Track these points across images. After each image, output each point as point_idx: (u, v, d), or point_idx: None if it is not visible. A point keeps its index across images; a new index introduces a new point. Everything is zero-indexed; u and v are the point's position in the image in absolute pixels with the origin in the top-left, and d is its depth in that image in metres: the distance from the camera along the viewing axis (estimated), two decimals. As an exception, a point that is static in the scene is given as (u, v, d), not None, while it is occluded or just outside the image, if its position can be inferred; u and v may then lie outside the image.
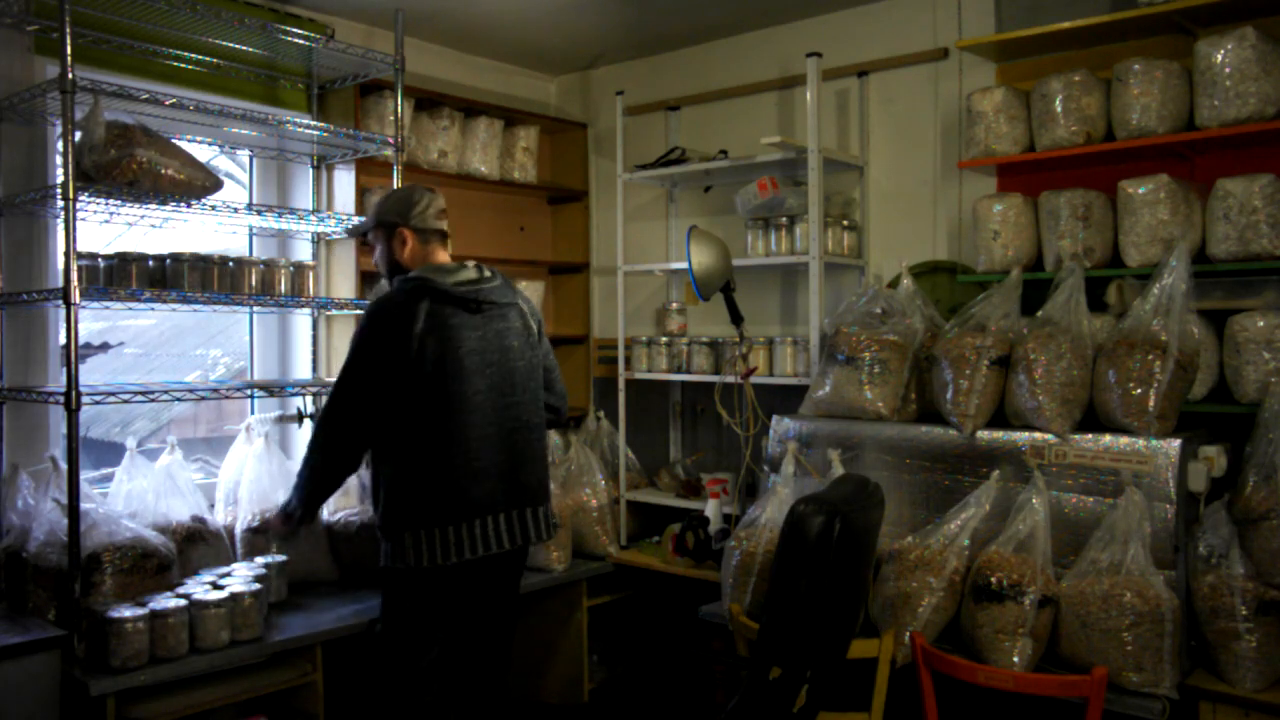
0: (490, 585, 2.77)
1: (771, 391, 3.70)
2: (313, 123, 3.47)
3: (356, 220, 3.42)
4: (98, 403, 2.81)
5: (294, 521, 2.77)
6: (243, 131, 3.45)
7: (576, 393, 4.59)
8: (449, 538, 2.59)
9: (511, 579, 2.86)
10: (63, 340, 2.74)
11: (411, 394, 2.58)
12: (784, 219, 3.63)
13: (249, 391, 3.55)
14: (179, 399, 3.11)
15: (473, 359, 2.64)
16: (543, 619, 3.78)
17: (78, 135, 2.69)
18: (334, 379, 3.60)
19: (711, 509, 3.67)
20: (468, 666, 2.80)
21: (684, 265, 3.50)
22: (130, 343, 3.98)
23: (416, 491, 2.60)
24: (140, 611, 2.55)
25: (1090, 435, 2.69)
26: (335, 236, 3.72)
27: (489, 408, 2.66)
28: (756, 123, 4.03)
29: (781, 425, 3.26)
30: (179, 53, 3.34)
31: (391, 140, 3.53)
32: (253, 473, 3.31)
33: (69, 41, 2.63)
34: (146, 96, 2.87)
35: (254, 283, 3.18)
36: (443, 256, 2.81)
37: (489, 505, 2.65)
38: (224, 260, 3.10)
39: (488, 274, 2.77)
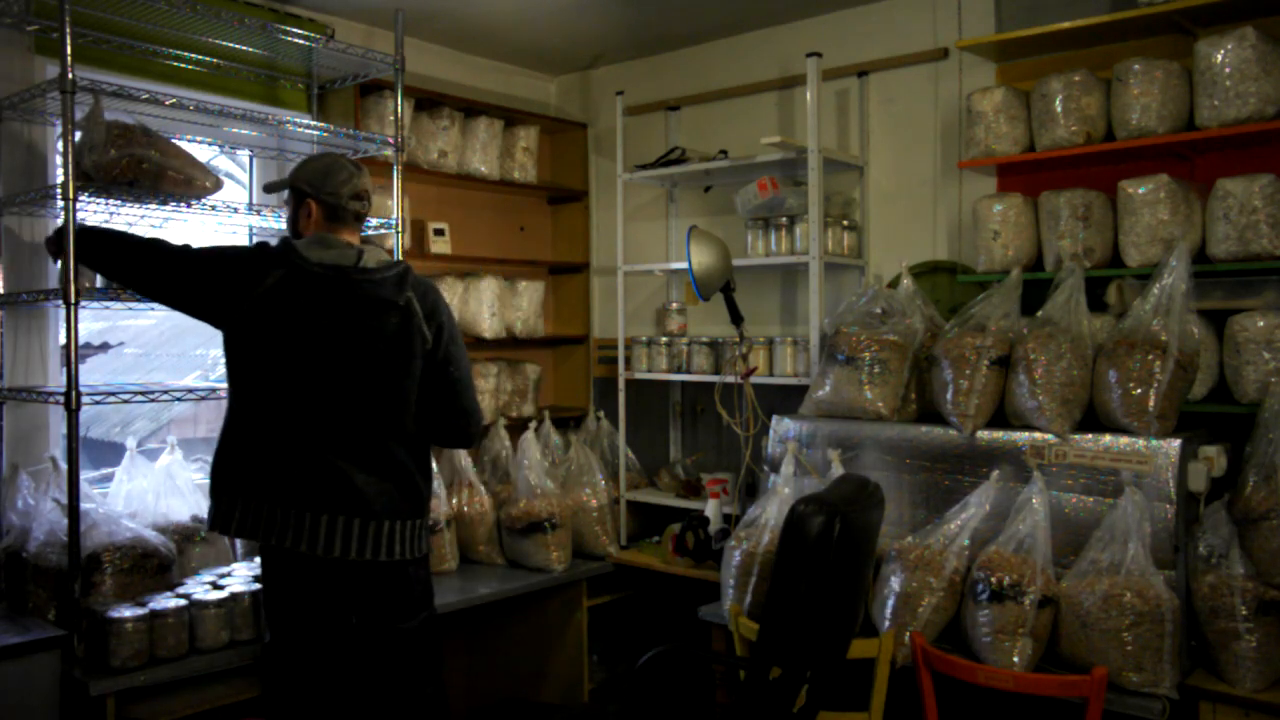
0: (320, 594, 2.45)
1: (771, 391, 3.70)
2: (313, 123, 3.47)
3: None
4: (98, 403, 2.81)
5: (59, 242, 2.61)
6: (243, 131, 3.45)
7: (577, 393, 4.60)
8: (251, 510, 2.41)
9: (357, 600, 2.46)
10: (63, 340, 2.74)
11: (237, 350, 2.47)
12: (784, 219, 3.63)
13: (249, 391, 3.54)
14: (179, 399, 3.11)
15: (314, 343, 2.42)
16: (543, 619, 3.78)
17: (78, 135, 2.69)
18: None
19: (711, 509, 3.67)
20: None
21: (684, 265, 3.50)
22: (130, 343, 3.98)
23: (232, 454, 2.47)
24: (140, 611, 2.55)
25: (1090, 435, 2.69)
26: (335, 236, 3.72)
27: (322, 401, 2.42)
28: (756, 123, 4.03)
29: (781, 425, 3.26)
30: (179, 53, 3.33)
31: (391, 140, 3.53)
32: (253, 473, 3.31)
33: (69, 41, 2.63)
34: (146, 96, 2.86)
35: (254, 283, 3.17)
36: (347, 237, 2.57)
37: (290, 498, 2.40)
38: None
39: (375, 266, 2.49)
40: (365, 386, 2.46)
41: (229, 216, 3.24)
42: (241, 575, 2.87)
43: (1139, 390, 2.63)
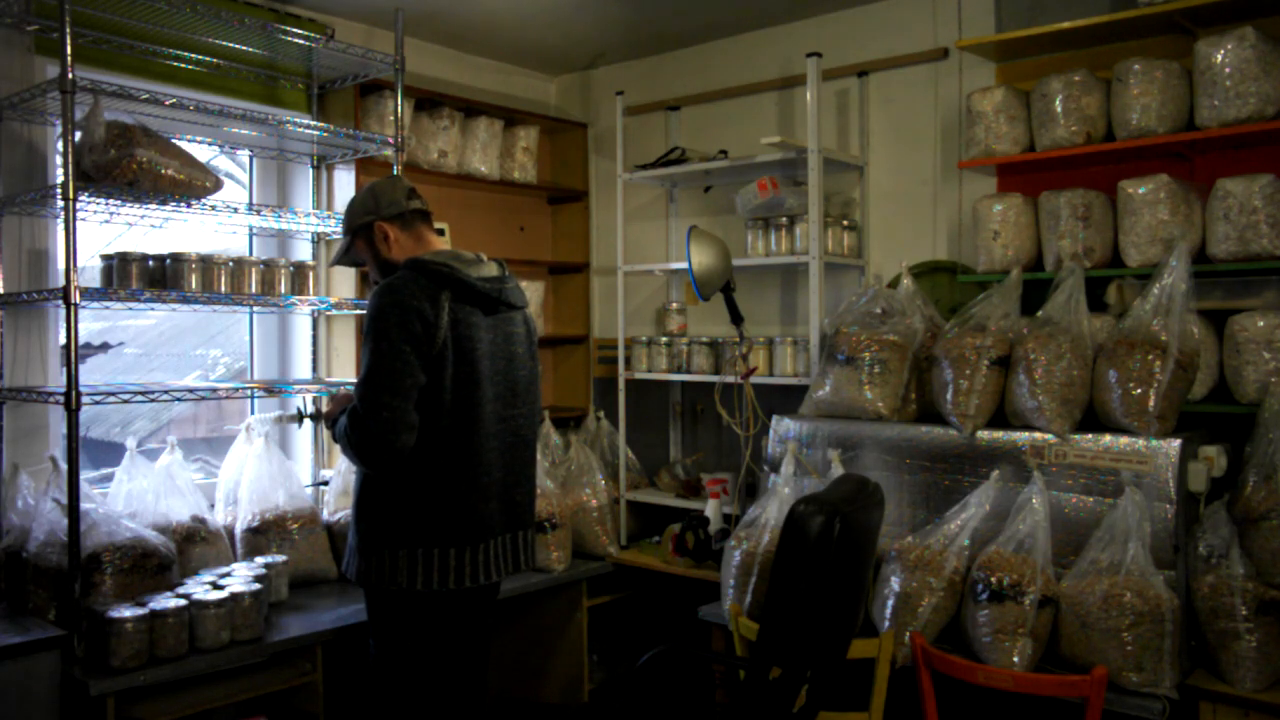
0: (481, 614, 2.64)
1: (771, 391, 3.70)
2: (313, 123, 3.47)
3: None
4: (98, 403, 2.81)
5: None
6: (243, 131, 3.45)
7: (576, 393, 4.59)
8: (449, 561, 2.42)
9: (494, 606, 2.74)
10: (63, 340, 2.74)
11: (427, 396, 2.37)
12: (784, 219, 3.63)
13: (249, 391, 3.54)
14: (179, 399, 3.11)
15: (484, 364, 2.46)
16: (543, 619, 3.78)
17: (78, 135, 2.69)
18: (334, 379, 3.61)
19: (711, 509, 3.67)
20: (455, 692, 2.62)
21: (684, 265, 3.50)
22: (130, 343, 3.98)
23: (420, 506, 2.41)
24: (140, 611, 2.55)
25: (1090, 435, 2.69)
26: (335, 237, 3.72)
27: (494, 419, 2.49)
28: (756, 123, 4.03)
29: (781, 425, 3.26)
30: (179, 53, 3.33)
31: (391, 140, 3.53)
32: (253, 473, 3.31)
33: (69, 41, 2.63)
34: (146, 96, 2.86)
35: (254, 283, 3.17)
36: (434, 238, 2.61)
37: (491, 526, 2.50)
38: (224, 260, 3.10)
39: (506, 273, 2.60)
40: (518, 395, 2.59)
41: (229, 216, 3.25)
42: (241, 575, 2.87)
43: (1139, 390, 2.63)
